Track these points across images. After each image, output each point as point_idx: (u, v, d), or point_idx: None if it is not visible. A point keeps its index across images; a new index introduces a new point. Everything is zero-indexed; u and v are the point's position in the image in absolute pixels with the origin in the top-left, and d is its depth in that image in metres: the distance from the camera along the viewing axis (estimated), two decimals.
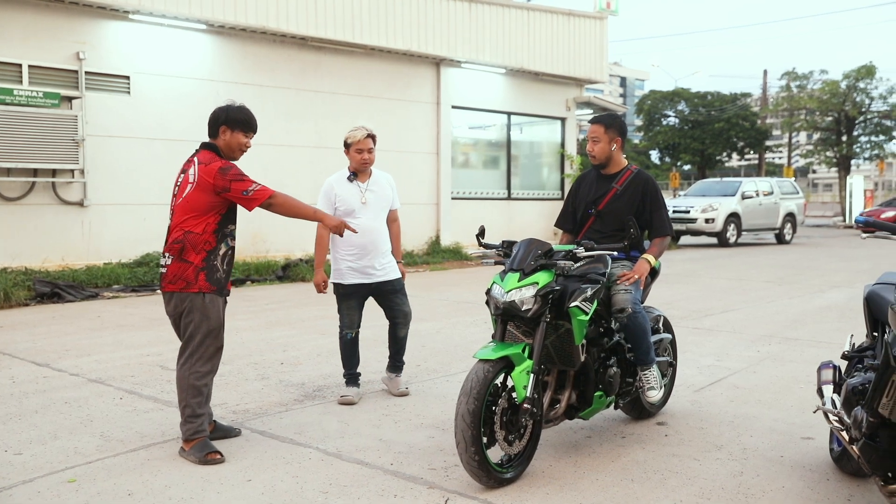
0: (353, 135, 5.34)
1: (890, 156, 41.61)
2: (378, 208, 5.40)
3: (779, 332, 7.94)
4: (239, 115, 4.32)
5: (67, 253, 11.80)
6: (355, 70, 15.34)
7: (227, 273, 4.33)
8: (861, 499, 3.70)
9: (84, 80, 11.85)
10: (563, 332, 4.04)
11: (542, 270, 3.98)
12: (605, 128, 4.67)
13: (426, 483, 3.87)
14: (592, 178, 4.88)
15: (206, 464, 4.08)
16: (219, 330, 4.28)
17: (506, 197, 18.65)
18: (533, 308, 3.89)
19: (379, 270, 5.35)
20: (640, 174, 4.76)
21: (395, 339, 5.55)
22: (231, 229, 4.33)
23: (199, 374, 4.22)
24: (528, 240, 4.21)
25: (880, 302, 3.61)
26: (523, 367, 3.82)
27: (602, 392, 4.28)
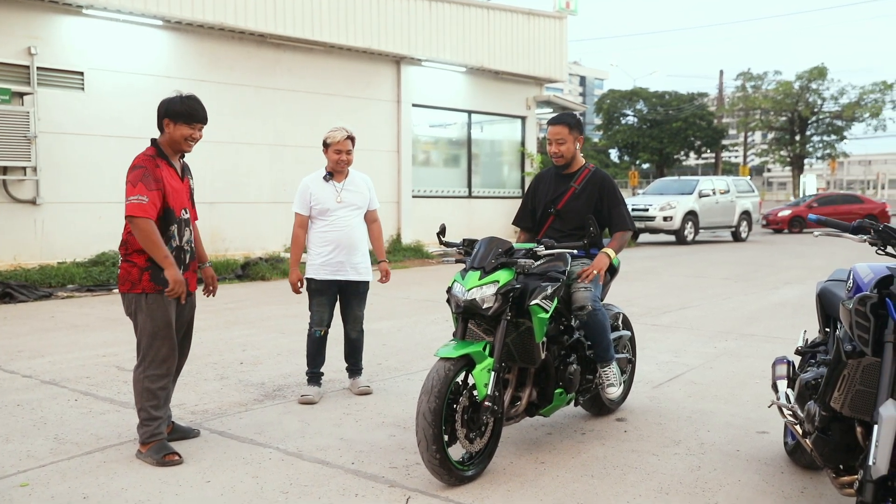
0: (333, 135, 5.36)
1: (841, 155, 42.55)
2: (354, 207, 5.43)
3: (735, 329, 8.08)
4: (180, 107, 4.17)
5: (20, 252, 11.55)
6: (315, 68, 15.24)
7: None
8: (814, 490, 3.78)
9: (36, 76, 11.60)
10: (523, 330, 4.06)
11: (503, 269, 4.00)
12: (569, 128, 4.68)
13: (387, 482, 3.86)
14: (551, 176, 4.89)
15: (163, 465, 4.02)
16: (166, 331, 4.14)
17: (466, 195, 18.69)
18: (493, 306, 3.90)
19: (351, 269, 5.38)
20: (597, 172, 4.79)
21: (348, 341, 5.58)
22: (171, 231, 4.16)
23: (152, 378, 4.13)
24: (488, 238, 4.22)
25: (832, 298, 3.69)
26: (484, 365, 3.83)
27: (562, 389, 4.31)
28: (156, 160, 4.14)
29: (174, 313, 4.22)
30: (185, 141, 4.21)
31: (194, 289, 4.41)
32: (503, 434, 4.53)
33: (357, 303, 5.49)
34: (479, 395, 3.81)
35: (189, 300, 4.39)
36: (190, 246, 4.33)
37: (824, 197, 29.60)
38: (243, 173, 14.21)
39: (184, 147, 4.24)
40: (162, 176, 4.11)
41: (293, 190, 16.24)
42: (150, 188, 4.03)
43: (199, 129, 4.27)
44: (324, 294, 5.40)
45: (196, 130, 4.24)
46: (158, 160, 4.17)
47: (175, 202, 4.18)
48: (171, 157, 4.26)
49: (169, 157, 4.24)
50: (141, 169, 4.06)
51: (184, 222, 4.27)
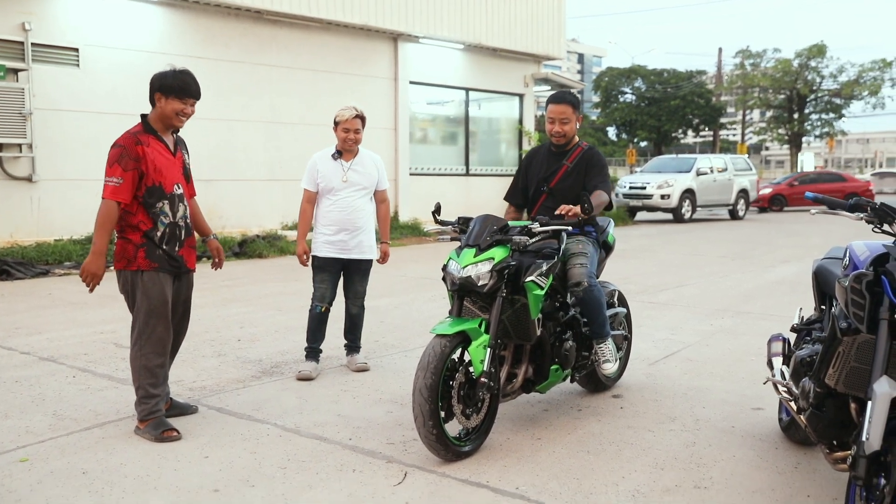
0: (342, 114, 5.36)
1: (839, 133, 42.49)
2: (360, 187, 5.44)
3: (732, 306, 8.11)
4: (173, 82, 4.11)
5: (16, 229, 11.53)
6: (312, 45, 15.14)
7: (169, 250, 4.17)
8: (808, 466, 3.81)
9: (31, 52, 11.52)
10: (519, 307, 4.06)
11: (498, 246, 4.00)
12: (573, 108, 4.64)
13: (385, 457, 3.89)
14: (544, 154, 4.86)
15: (161, 441, 4.05)
16: (161, 309, 4.12)
17: (464, 173, 18.66)
18: (489, 283, 3.91)
19: (354, 247, 5.42)
20: (588, 150, 4.75)
21: (349, 316, 5.62)
22: (161, 207, 4.12)
23: (148, 355, 4.13)
24: (483, 216, 4.22)
25: (828, 276, 3.70)
26: (480, 341, 3.84)
27: (558, 366, 4.33)
28: (138, 137, 4.07)
29: (171, 291, 4.21)
30: (177, 116, 4.15)
31: (192, 266, 4.39)
32: (500, 410, 4.55)
33: (359, 279, 5.54)
34: (475, 371, 3.83)
35: (187, 278, 4.38)
36: (185, 222, 4.29)
37: (806, 175, 29.52)
38: (239, 150, 14.16)
39: (175, 122, 4.17)
40: (145, 153, 4.04)
41: (290, 167, 16.20)
42: (127, 168, 3.98)
43: (192, 105, 4.20)
44: (326, 271, 5.46)
45: (188, 106, 4.17)
46: (143, 136, 4.10)
47: (165, 178, 4.12)
48: (162, 133, 4.19)
49: (159, 132, 4.18)
50: (119, 148, 4.02)
51: (177, 198, 4.20)
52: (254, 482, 3.57)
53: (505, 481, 3.60)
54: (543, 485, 3.57)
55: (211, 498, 3.40)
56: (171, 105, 4.12)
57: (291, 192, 14.61)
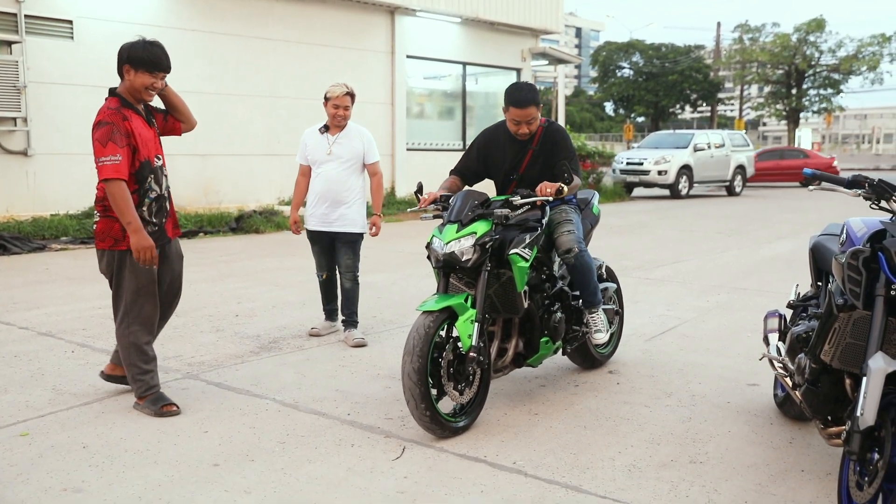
0: (333, 90, 5.57)
1: (837, 109, 42.37)
2: (342, 161, 5.59)
3: (728, 283, 8.13)
4: (143, 54, 3.96)
5: (12, 204, 11.49)
6: (308, 18, 15.01)
7: (158, 223, 4.13)
8: (802, 441, 3.85)
9: (24, 24, 11.40)
10: (505, 281, 4.07)
11: (480, 220, 3.99)
12: (536, 106, 4.41)
13: (383, 432, 3.92)
14: (503, 140, 4.61)
15: (161, 416, 4.07)
16: (150, 287, 4.09)
17: (461, 148, 18.57)
18: (472, 258, 3.90)
19: (336, 220, 5.59)
20: (549, 127, 4.58)
21: (343, 290, 5.75)
22: (149, 181, 4.05)
23: (137, 333, 4.11)
24: (465, 191, 4.22)
25: (824, 253, 3.72)
26: (467, 316, 3.84)
27: (548, 338, 4.35)
28: (122, 112, 3.97)
29: (157, 268, 4.15)
30: (146, 90, 4.03)
31: (170, 234, 4.28)
32: (497, 386, 4.59)
33: (346, 251, 5.65)
34: (463, 346, 3.82)
35: (174, 250, 4.32)
36: (168, 192, 4.25)
37: (768, 151, 29.30)
38: (236, 125, 14.08)
39: (144, 96, 4.06)
40: (132, 128, 3.97)
41: (286, 142, 16.08)
42: (121, 145, 3.88)
43: (162, 79, 4.08)
44: (316, 243, 5.74)
45: (158, 80, 4.05)
46: (125, 111, 3.99)
47: (149, 151, 4.07)
48: (136, 105, 4.09)
49: (133, 104, 4.08)
50: (108, 126, 3.89)
51: (160, 170, 4.16)
52: (253, 456, 3.60)
53: (502, 456, 3.63)
54: (540, 459, 3.60)
55: (210, 472, 3.43)
56: (140, 79, 3.99)
57: (288, 167, 14.54)
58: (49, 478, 3.35)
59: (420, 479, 3.38)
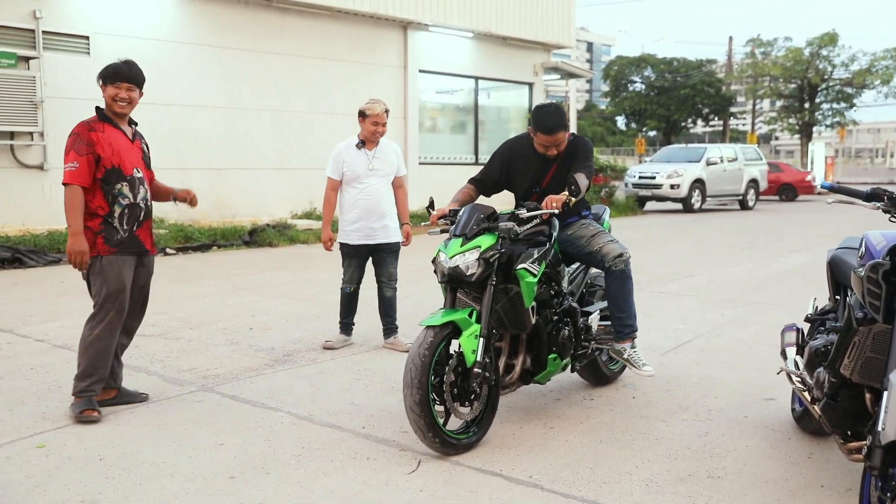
0: (372, 108, 5.63)
1: (850, 123, 42.23)
2: (383, 175, 5.76)
3: (742, 296, 8.09)
4: (107, 69, 4.27)
5: (28, 217, 11.57)
6: (321, 33, 15.12)
7: (129, 231, 4.28)
8: (821, 456, 3.81)
9: (41, 40, 11.54)
10: (512, 296, 4.00)
11: (486, 234, 3.95)
12: (565, 129, 4.37)
13: (398, 446, 3.91)
14: (526, 154, 4.54)
15: (80, 421, 4.15)
16: (118, 293, 4.25)
17: (473, 162, 18.62)
18: (477, 272, 3.86)
19: (380, 232, 5.73)
20: (574, 141, 4.50)
21: (383, 299, 5.86)
22: (119, 188, 4.24)
23: (98, 336, 4.25)
24: (471, 205, 4.19)
25: (843, 266, 3.69)
26: (470, 331, 3.79)
27: (556, 354, 4.25)
28: (91, 125, 4.22)
29: (130, 276, 4.30)
30: (115, 102, 4.26)
31: (149, 247, 4.45)
32: (511, 400, 4.58)
33: (390, 261, 5.83)
34: (467, 362, 3.78)
35: (148, 263, 4.47)
36: (145, 204, 4.38)
37: None
38: (248, 139, 14.16)
39: (115, 108, 4.28)
40: (99, 139, 4.18)
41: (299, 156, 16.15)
42: (81, 153, 4.14)
43: (126, 90, 4.27)
44: (354, 257, 5.79)
45: (122, 90, 4.26)
46: (97, 124, 4.24)
47: (123, 161, 4.25)
48: (119, 121, 4.32)
49: (114, 120, 4.31)
50: (73, 136, 4.19)
51: (137, 180, 4.33)
52: (269, 469, 3.59)
53: (518, 470, 3.62)
54: (556, 473, 3.58)
55: (227, 485, 3.43)
56: (107, 91, 4.26)
57: (300, 180, 14.64)
58: (66, 489, 3.36)
59: (436, 493, 3.37)
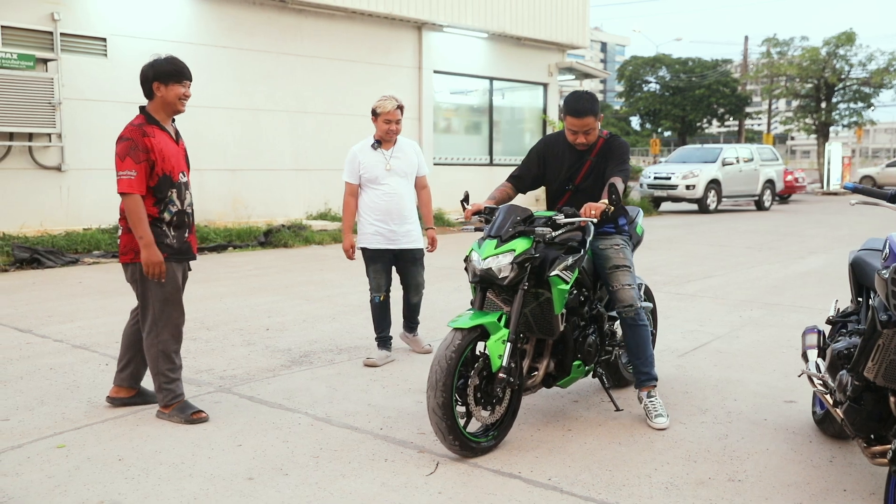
0: (383, 105, 5.37)
1: (868, 123, 41.87)
2: (402, 175, 5.48)
3: (760, 298, 8.04)
4: (168, 67, 4.18)
5: (46, 218, 11.66)
6: (336, 34, 15.15)
7: (178, 237, 4.23)
8: (843, 460, 3.78)
9: (59, 42, 11.62)
10: (542, 301, 3.96)
11: (521, 237, 3.90)
12: (594, 116, 4.31)
13: (416, 447, 3.90)
14: (562, 149, 4.47)
15: (191, 423, 4.14)
16: (176, 296, 4.22)
17: (488, 163, 18.61)
18: (509, 276, 3.81)
19: (402, 237, 5.46)
20: (609, 140, 4.43)
21: (408, 305, 5.72)
22: (169, 195, 4.16)
23: (166, 342, 4.20)
24: (508, 206, 4.13)
25: (866, 268, 3.65)
26: (499, 335, 3.76)
27: (580, 361, 4.22)
28: (143, 129, 4.12)
29: (182, 277, 4.29)
30: (180, 100, 4.21)
31: (195, 252, 4.43)
32: (530, 402, 4.56)
33: (415, 270, 5.59)
34: (493, 366, 3.75)
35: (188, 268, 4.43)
36: (191, 209, 4.35)
37: None
38: (264, 140, 14.20)
39: (179, 107, 4.23)
40: (152, 144, 4.09)
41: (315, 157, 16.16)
42: (138, 160, 4.03)
43: (189, 87, 4.27)
44: (378, 262, 5.48)
45: (187, 88, 4.25)
46: (148, 128, 4.14)
47: (172, 167, 4.18)
48: (164, 122, 4.25)
49: (161, 121, 4.23)
50: (127, 141, 4.06)
51: (183, 186, 4.27)
52: (287, 471, 3.60)
53: (537, 472, 3.60)
54: (575, 476, 3.57)
55: (245, 486, 3.43)
56: (172, 91, 4.18)
57: (316, 181, 14.68)
58: (86, 490, 3.37)
59: (454, 495, 3.36)
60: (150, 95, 4.23)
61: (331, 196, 14.81)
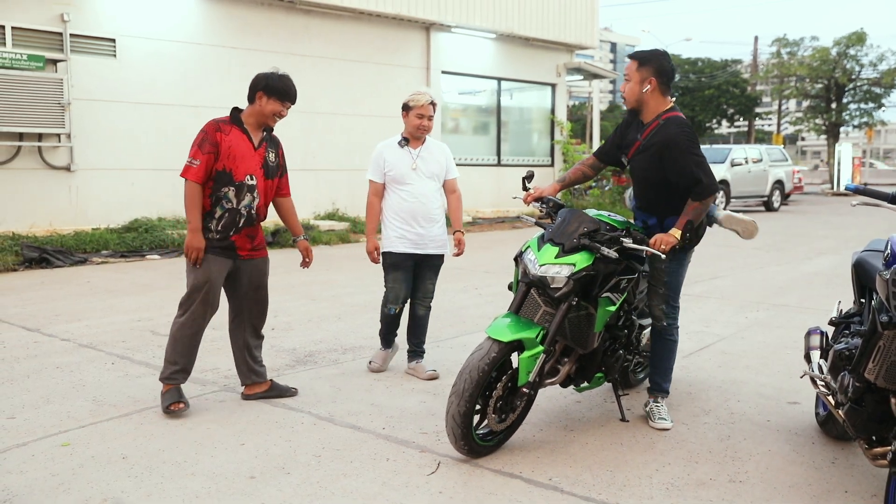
0: (417, 99, 5.02)
1: (878, 123, 41.67)
2: (429, 175, 5.13)
3: (767, 299, 8.01)
4: (278, 84, 4.38)
5: (55, 218, 11.73)
6: (344, 34, 15.18)
7: (222, 233, 4.38)
8: (845, 461, 3.77)
9: (69, 43, 11.68)
10: (583, 314, 3.83)
11: (584, 251, 3.74)
12: (637, 64, 4.00)
13: (418, 447, 3.91)
14: (637, 122, 4.19)
15: (167, 414, 4.29)
16: (204, 286, 4.36)
17: (496, 163, 18.61)
18: (563, 289, 3.68)
19: (430, 242, 5.11)
20: (666, 125, 4.01)
21: (415, 318, 5.27)
22: (225, 192, 4.34)
23: (183, 326, 4.39)
24: (576, 211, 3.95)
25: (868, 269, 3.65)
26: (534, 352, 3.68)
27: (602, 374, 4.17)
28: (220, 125, 4.35)
29: (221, 274, 4.41)
30: (273, 116, 4.42)
31: (245, 253, 4.52)
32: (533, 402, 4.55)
33: (431, 276, 5.23)
34: (519, 380, 3.72)
35: (252, 264, 4.57)
36: (248, 211, 4.45)
37: None
38: None
39: (269, 122, 4.45)
40: (221, 139, 4.30)
41: (322, 157, 16.16)
42: (204, 151, 4.27)
43: (288, 108, 4.46)
44: (400, 269, 5.11)
45: (285, 108, 4.44)
46: (225, 125, 4.37)
47: (238, 166, 4.35)
48: (252, 128, 4.44)
49: (247, 126, 4.43)
50: (201, 133, 4.32)
51: (246, 187, 4.40)
52: (289, 469, 3.61)
53: (538, 472, 3.61)
54: (577, 476, 3.57)
55: (247, 484, 3.45)
56: (271, 105, 4.38)
57: (324, 181, 14.71)
58: (89, 488, 3.40)
59: (455, 495, 3.37)
60: (251, 100, 4.43)
61: (338, 196, 14.84)
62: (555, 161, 19.85)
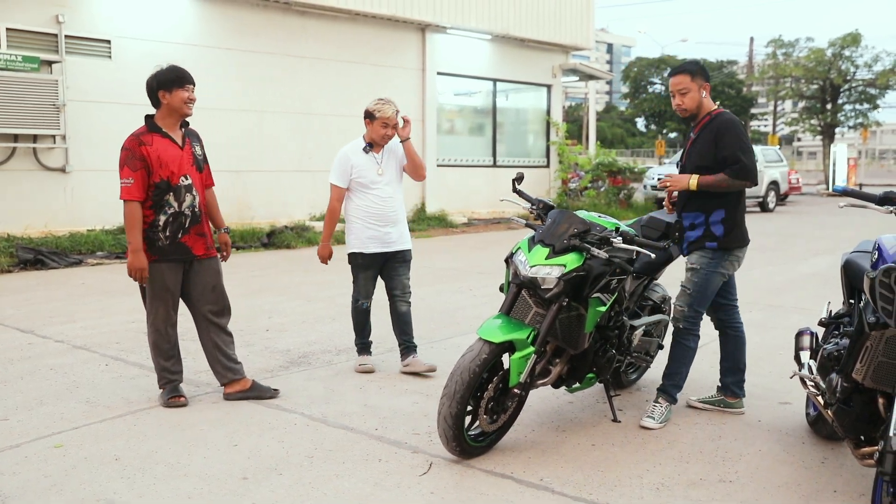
0: (384, 109, 5.15)
1: (874, 124, 41.75)
2: (394, 178, 5.33)
3: (762, 299, 8.04)
4: (170, 75, 4.41)
5: (50, 219, 11.72)
6: (340, 35, 15.19)
7: (171, 238, 4.44)
8: (834, 461, 3.79)
9: (64, 44, 11.68)
10: (574, 315, 3.86)
11: (574, 252, 3.77)
12: (691, 76, 4.27)
13: (410, 448, 3.93)
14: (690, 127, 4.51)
15: (168, 406, 4.47)
16: (162, 294, 4.48)
17: (491, 164, 18.62)
18: (553, 290, 3.71)
19: (397, 240, 5.28)
20: (717, 117, 4.30)
21: (398, 315, 5.33)
22: (166, 199, 4.41)
23: (153, 333, 4.55)
24: (566, 212, 3.98)
25: (856, 269, 3.67)
26: (524, 353, 3.70)
27: (594, 374, 4.18)
28: (140, 138, 4.37)
29: (176, 281, 4.51)
30: (185, 104, 4.43)
31: (200, 252, 4.58)
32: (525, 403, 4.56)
33: (403, 271, 5.34)
34: (510, 381, 3.74)
35: (205, 265, 4.63)
36: (192, 211, 4.51)
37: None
38: (268, 141, 14.25)
39: (185, 110, 4.46)
40: (148, 153, 4.34)
41: (318, 158, 16.16)
42: (135, 168, 4.32)
43: (192, 90, 4.49)
44: (370, 268, 5.28)
45: (190, 92, 4.46)
46: (146, 137, 4.39)
47: (171, 171, 4.40)
48: (170, 129, 4.47)
49: (166, 128, 4.45)
50: (126, 151, 4.35)
51: (184, 188, 4.46)
52: (281, 470, 3.63)
53: (529, 472, 3.63)
54: (568, 476, 3.59)
55: (239, 485, 3.46)
56: (177, 96, 4.41)
57: (320, 183, 14.69)
58: (82, 489, 3.41)
59: (447, 496, 3.39)
60: (157, 104, 4.47)
61: None
62: (550, 162, 19.87)
